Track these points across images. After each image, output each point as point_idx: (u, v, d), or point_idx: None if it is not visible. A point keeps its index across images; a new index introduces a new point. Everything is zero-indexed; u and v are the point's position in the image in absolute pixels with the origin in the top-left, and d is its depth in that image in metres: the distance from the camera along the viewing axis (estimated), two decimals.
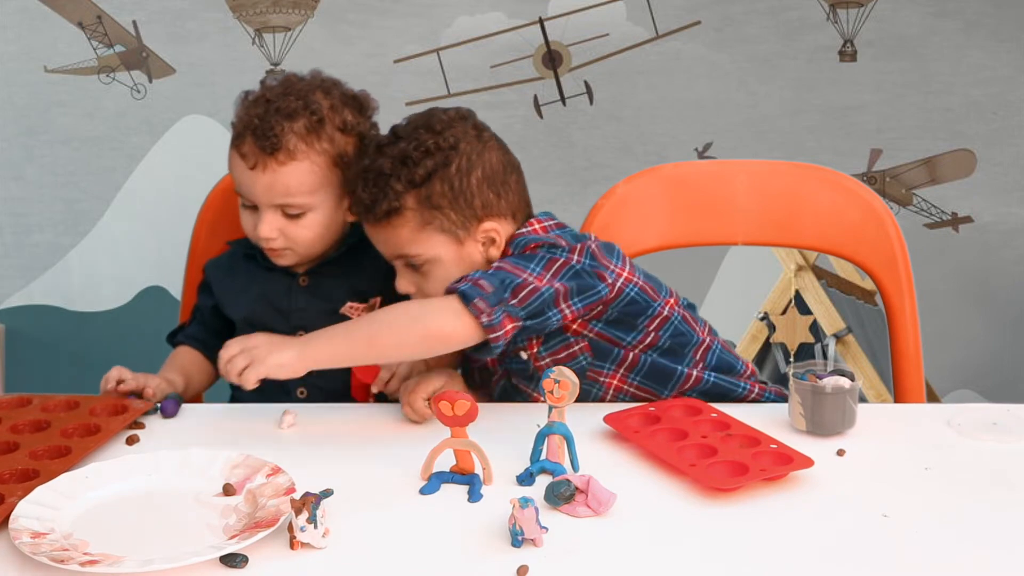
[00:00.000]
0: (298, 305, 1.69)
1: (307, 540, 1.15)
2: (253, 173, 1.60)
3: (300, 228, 1.63)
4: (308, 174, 1.61)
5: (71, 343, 2.74)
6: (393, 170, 1.53)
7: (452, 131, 1.56)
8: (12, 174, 2.69)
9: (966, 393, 2.72)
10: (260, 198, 1.62)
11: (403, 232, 1.53)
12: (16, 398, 1.52)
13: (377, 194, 1.53)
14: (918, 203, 2.69)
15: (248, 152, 1.60)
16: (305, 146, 1.60)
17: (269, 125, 1.59)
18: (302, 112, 1.61)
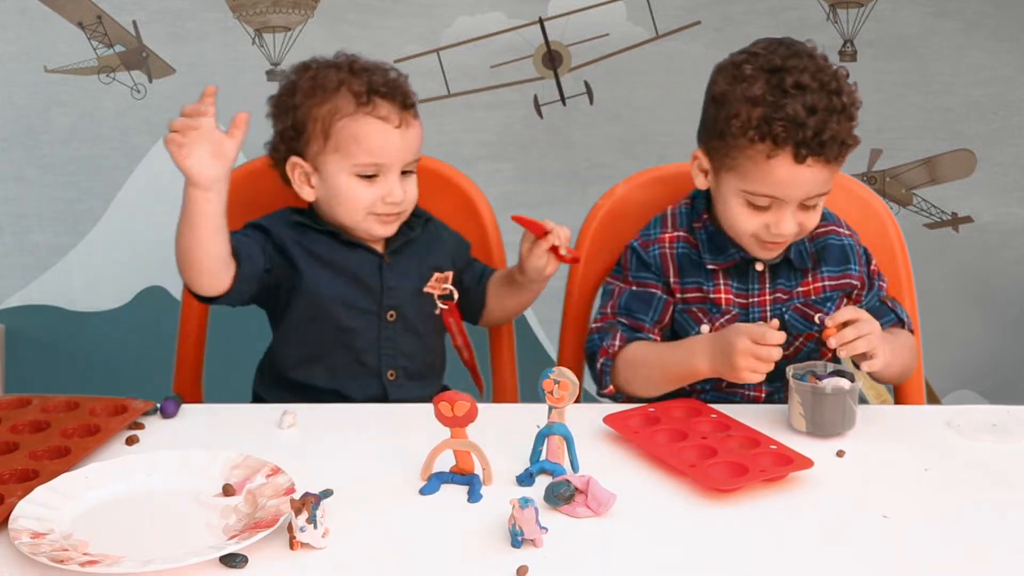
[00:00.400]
0: (389, 284, 1.69)
1: (307, 540, 1.15)
2: (400, 131, 1.63)
3: (413, 187, 1.68)
4: (421, 128, 1.69)
5: (71, 343, 2.74)
6: (848, 106, 1.52)
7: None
8: (12, 174, 2.69)
9: (966, 393, 2.72)
10: (401, 155, 1.65)
11: (838, 167, 1.55)
12: (16, 398, 1.52)
13: (841, 133, 1.50)
14: (918, 203, 2.69)
15: (389, 113, 1.63)
16: (415, 101, 1.69)
17: (399, 84, 1.66)
18: (397, 72, 1.69)
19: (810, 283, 1.64)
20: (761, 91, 1.50)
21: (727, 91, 1.54)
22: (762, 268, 1.63)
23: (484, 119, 2.66)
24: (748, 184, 1.54)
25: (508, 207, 2.55)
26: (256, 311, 1.72)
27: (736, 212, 1.57)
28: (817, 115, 1.48)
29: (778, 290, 1.64)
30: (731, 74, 1.55)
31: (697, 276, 1.64)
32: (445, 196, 1.88)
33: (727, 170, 1.56)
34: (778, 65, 1.51)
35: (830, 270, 1.65)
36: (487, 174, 2.57)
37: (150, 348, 2.38)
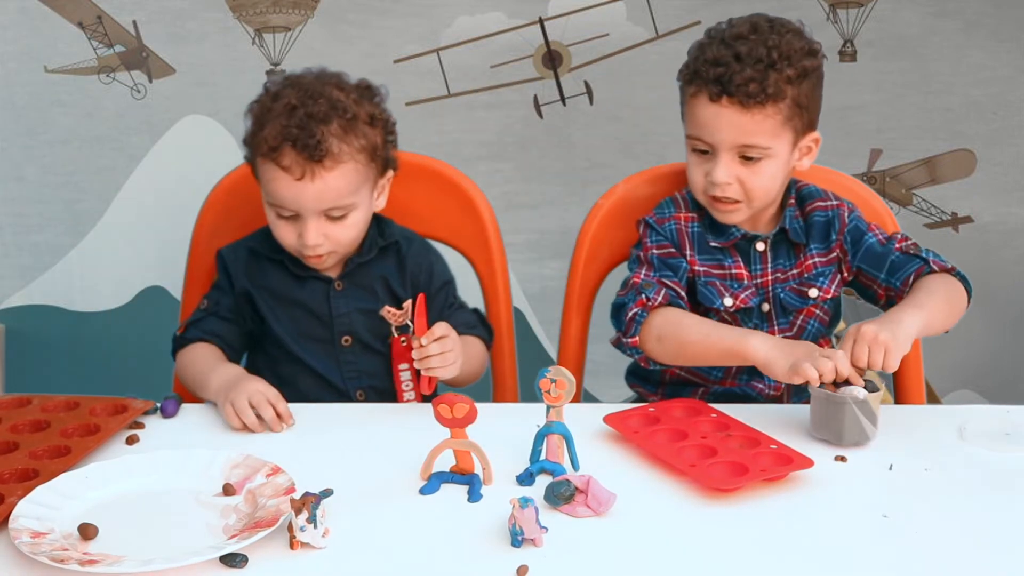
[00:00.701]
0: (339, 311, 1.68)
1: (307, 540, 1.15)
2: (301, 184, 1.57)
3: (344, 229, 1.62)
4: (353, 174, 1.60)
5: (71, 343, 2.74)
6: (777, 60, 1.56)
7: (814, 39, 1.65)
8: (12, 174, 2.69)
9: (966, 393, 2.72)
10: (309, 207, 1.59)
11: (765, 123, 1.57)
12: (16, 398, 1.52)
13: (756, 76, 1.55)
14: (918, 203, 2.69)
15: (292, 164, 1.56)
16: (346, 147, 1.58)
17: (310, 132, 1.55)
18: (333, 113, 1.58)
19: (802, 262, 1.68)
20: (705, 40, 1.63)
21: (693, 46, 1.64)
22: (763, 248, 1.67)
23: (484, 119, 2.66)
24: (687, 127, 1.63)
25: (508, 207, 2.57)
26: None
27: (688, 163, 1.65)
28: (740, 61, 1.55)
29: (777, 270, 1.68)
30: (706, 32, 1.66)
31: (714, 253, 1.68)
32: (445, 196, 1.88)
33: (684, 120, 1.65)
34: (735, 23, 1.62)
35: (817, 247, 1.68)
36: (487, 174, 2.57)
37: (150, 348, 2.37)
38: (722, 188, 1.60)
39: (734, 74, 1.55)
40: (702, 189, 1.63)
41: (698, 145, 1.62)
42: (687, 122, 1.64)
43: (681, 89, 1.65)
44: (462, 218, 1.88)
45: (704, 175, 1.62)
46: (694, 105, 1.60)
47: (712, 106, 1.57)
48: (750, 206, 1.63)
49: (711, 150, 1.60)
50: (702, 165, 1.62)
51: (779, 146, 1.60)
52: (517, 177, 2.67)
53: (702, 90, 1.58)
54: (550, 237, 2.63)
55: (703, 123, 1.59)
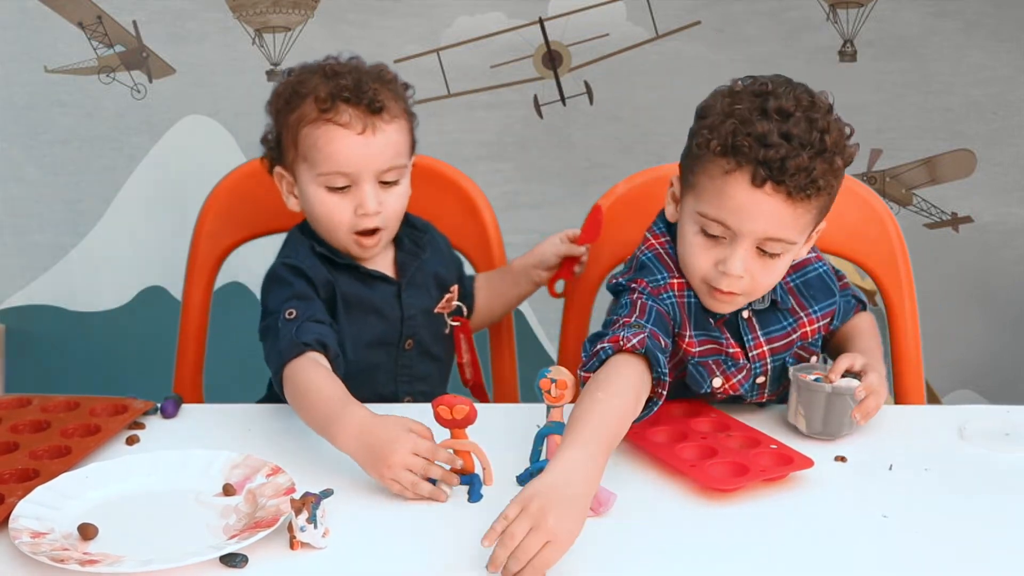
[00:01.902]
0: (408, 313, 1.65)
1: (307, 540, 1.15)
2: (363, 139, 1.53)
3: (396, 197, 1.59)
4: (405, 133, 1.59)
5: (71, 343, 2.74)
6: (828, 148, 1.36)
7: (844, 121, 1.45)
8: (12, 174, 2.69)
9: (966, 393, 2.72)
10: (372, 164, 1.54)
11: (803, 218, 1.37)
12: (16, 398, 1.52)
13: (808, 166, 1.34)
14: (918, 203, 2.69)
15: (352, 119, 1.52)
16: (396, 105, 1.57)
17: (364, 87, 1.53)
18: (373, 74, 1.57)
19: (806, 324, 1.52)
20: (741, 106, 1.38)
21: (710, 104, 1.42)
22: (748, 315, 1.49)
23: (484, 119, 2.66)
24: (703, 205, 1.39)
25: (508, 207, 2.57)
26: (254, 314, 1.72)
27: (689, 242, 1.42)
28: (790, 143, 1.34)
29: (772, 338, 1.50)
30: (721, 90, 1.43)
31: (709, 329, 1.48)
32: (445, 196, 1.88)
33: (689, 189, 1.43)
34: (768, 90, 1.40)
35: (821, 307, 1.54)
36: (487, 174, 2.57)
37: (150, 348, 2.37)
38: (731, 282, 1.40)
39: (787, 159, 1.32)
40: (703, 277, 1.42)
41: (712, 228, 1.39)
42: (702, 199, 1.39)
43: (697, 155, 1.40)
44: (462, 218, 1.88)
45: (714, 263, 1.40)
46: (726, 184, 1.36)
47: (753, 191, 1.34)
48: (747, 299, 1.45)
49: (727, 236, 1.39)
50: (710, 250, 1.40)
51: (801, 240, 1.41)
52: (517, 177, 2.67)
53: (742, 169, 1.34)
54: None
55: (735, 208, 1.36)
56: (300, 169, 1.57)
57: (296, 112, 1.55)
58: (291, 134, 1.56)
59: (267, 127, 1.63)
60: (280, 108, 1.58)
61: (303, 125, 1.54)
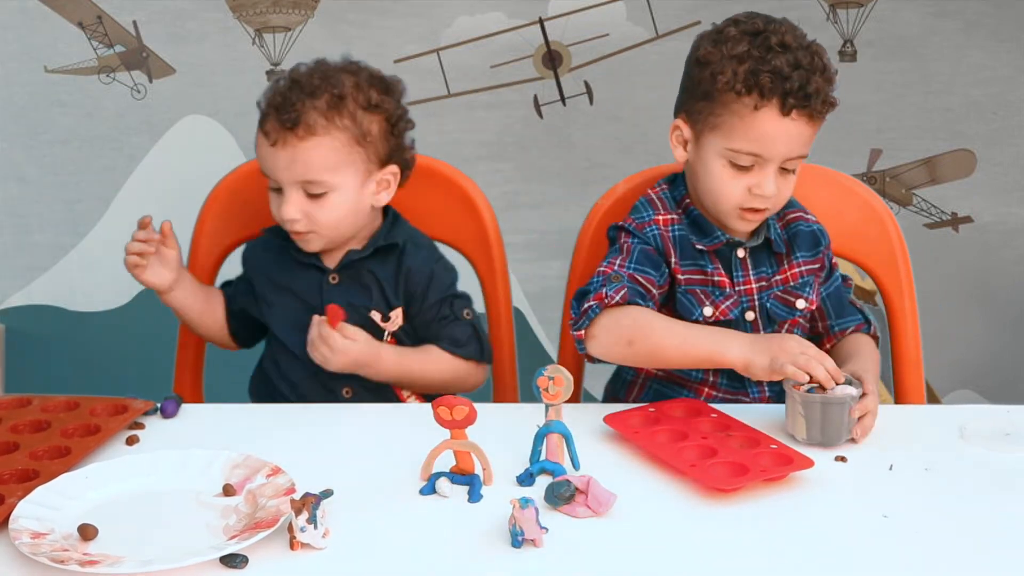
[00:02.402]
0: (329, 300, 1.67)
1: (307, 540, 1.15)
2: (274, 150, 1.61)
3: (324, 209, 1.63)
4: (329, 151, 1.61)
5: (71, 343, 2.74)
6: (826, 69, 1.56)
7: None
8: (12, 174, 2.69)
9: (966, 393, 2.72)
10: (282, 175, 1.62)
11: (816, 130, 1.56)
12: (16, 398, 1.52)
13: (823, 88, 1.54)
14: (918, 203, 2.69)
15: (270, 129, 1.61)
16: (326, 121, 1.61)
17: (290, 101, 1.60)
18: (324, 89, 1.62)
19: (787, 269, 1.64)
20: (746, 48, 1.54)
21: (711, 52, 1.56)
22: (743, 254, 1.62)
23: (484, 119, 2.66)
24: (733, 141, 1.53)
25: (508, 207, 2.57)
26: None
27: (719, 176, 1.56)
28: (801, 70, 1.51)
29: (761, 277, 1.64)
30: (713, 38, 1.59)
31: (696, 258, 1.62)
32: (445, 196, 1.88)
33: (711, 130, 1.56)
34: (760, 28, 1.55)
35: (804, 255, 1.65)
36: (487, 174, 2.57)
37: (150, 348, 2.37)
38: (764, 200, 1.55)
39: (807, 85, 1.50)
40: (738, 202, 1.56)
41: (743, 160, 1.54)
42: (731, 135, 1.53)
43: (721, 97, 1.54)
44: (462, 218, 1.88)
45: (746, 189, 1.55)
46: (755, 119, 1.51)
47: (782, 120, 1.51)
48: (771, 214, 1.61)
49: (757, 163, 1.54)
50: (741, 179, 1.55)
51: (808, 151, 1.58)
52: (517, 177, 2.67)
53: (770, 104, 1.51)
54: (550, 237, 2.63)
55: (767, 138, 1.52)
56: None
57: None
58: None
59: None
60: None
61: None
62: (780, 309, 1.64)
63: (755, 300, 1.63)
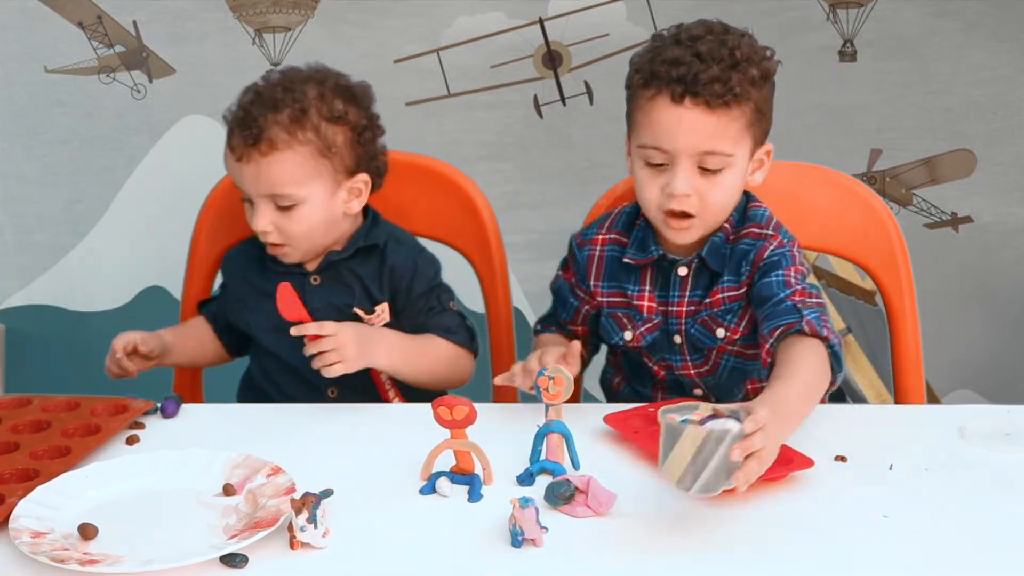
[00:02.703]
0: (312, 305, 1.65)
1: (307, 540, 1.15)
2: (240, 165, 1.63)
3: (293, 222, 1.64)
4: (292, 165, 1.61)
5: (71, 343, 2.74)
6: (740, 60, 1.50)
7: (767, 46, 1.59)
8: (12, 174, 2.69)
9: (966, 393, 2.71)
10: (249, 190, 1.64)
11: (730, 127, 1.49)
12: (16, 398, 1.52)
13: (721, 76, 1.47)
14: (918, 203, 2.69)
15: (235, 144, 1.63)
16: (288, 136, 1.61)
17: (252, 117, 1.62)
18: (286, 102, 1.62)
19: (715, 294, 1.56)
20: (657, 42, 1.52)
21: (639, 51, 1.55)
22: (685, 273, 1.57)
23: (484, 119, 2.66)
24: (641, 138, 1.51)
25: (508, 207, 2.57)
26: None
27: (638, 177, 1.53)
28: (701, 60, 1.46)
29: (694, 300, 1.57)
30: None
31: (623, 281, 1.60)
32: (445, 196, 1.88)
33: (631, 132, 1.55)
34: (683, 26, 1.53)
35: (730, 279, 1.56)
36: (487, 174, 2.57)
37: None
38: (680, 200, 1.48)
39: (699, 72, 1.45)
40: (657, 205, 1.51)
41: (653, 157, 1.49)
42: (639, 132, 1.51)
43: (631, 97, 1.54)
44: (462, 218, 1.88)
45: (660, 189, 1.50)
46: (651, 110, 1.48)
47: (674, 108, 1.46)
48: (703, 223, 1.53)
49: (668, 160, 1.49)
50: (657, 178, 1.50)
51: (740, 154, 1.50)
52: (517, 177, 2.67)
53: (662, 92, 1.47)
54: (550, 237, 2.63)
55: (663, 129, 1.47)
56: None
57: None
58: None
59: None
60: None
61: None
62: (702, 336, 1.58)
63: (683, 324, 1.58)
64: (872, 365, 2.54)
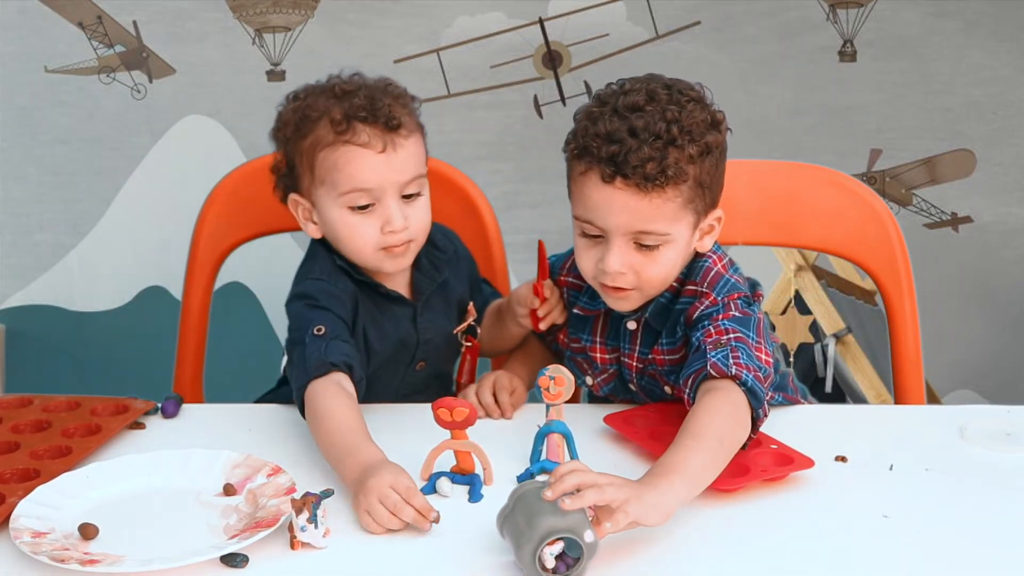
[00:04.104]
0: (424, 337, 1.61)
1: (307, 540, 1.15)
2: (384, 157, 1.49)
3: (420, 210, 1.55)
4: (421, 146, 1.57)
5: (71, 343, 2.73)
6: (678, 135, 1.37)
7: (713, 107, 1.44)
8: (12, 174, 2.69)
9: (966, 393, 2.71)
10: (394, 180, 1.51)
11: (664, 207, 1.38)
12: (17, 398, 1.53)
13: (655, 155, 1.35)
14: (918, 203, 2.69)
15: (371, 138, 1.49)
16: (410, 119, 1.55)
17: (379, 105, 1.50)
18: (382, 87, 1.55)
19: (656, 352, 1.50)
20: (595, 108, 1.43)
21: (579, 110, 1.47)
22: (634, 327, 1.51)
23: (484, 119, 2.66)
24: (575, 207, 1.45)
25: (508, 207, 2.57)
26: (254, 314, 1.71)
27: (576, 245, 1.47)
28: (635, 137, 1.36)
29: (643, 357, 1.52)
30: (594, 95, 1.48)
31: (579, 329, 1.57)
32: (445, 196, 1.88)
33: (569, 196, 1.48)
34: (625, 89, 1.43)
35: (668, 340, 1.48)
36: (487, 174, 2.57)
37: (150, 348, 2.37)
38: (613, 278, 1.42)
39: (629, 152, 1.35)
40: (591, 276, 1.46)
41: (588, 229, 1.43)
42: (574, 202, 1.45)
43: (568, 163, 1.47)
44: (462, 218, 1.88)
45: (595, 262, 1.43)
46: (583, 184, 1.42)
47: (605, 188, 1.38)
48: (643, 294, 1.45)
49: (603, 235, 1.42)
50: (592, 250, 1.44)
51: (679, 231, 1.41)
52: (517, 177, 2.67)
53: (593, 169, 1.40)
54: (550, 237, 2.61)
55: (594, 206, 1.40)
56: (318, 194, 1.53)
57: (309, 137, 1.52)
58: (306, 160, 1.52)
59: (277, 156, 1.59)
60: (290, 135, 1.54)
61: (319, 149, 1.51)
62: (655, 388, 1.53)
63: (634, 377, 1.53)
64: (872, 365, 2.54)
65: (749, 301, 1.47)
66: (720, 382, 1.34)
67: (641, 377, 1.53)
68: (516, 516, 1.11)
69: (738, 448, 1.30)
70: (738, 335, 1.39)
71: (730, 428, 1.29)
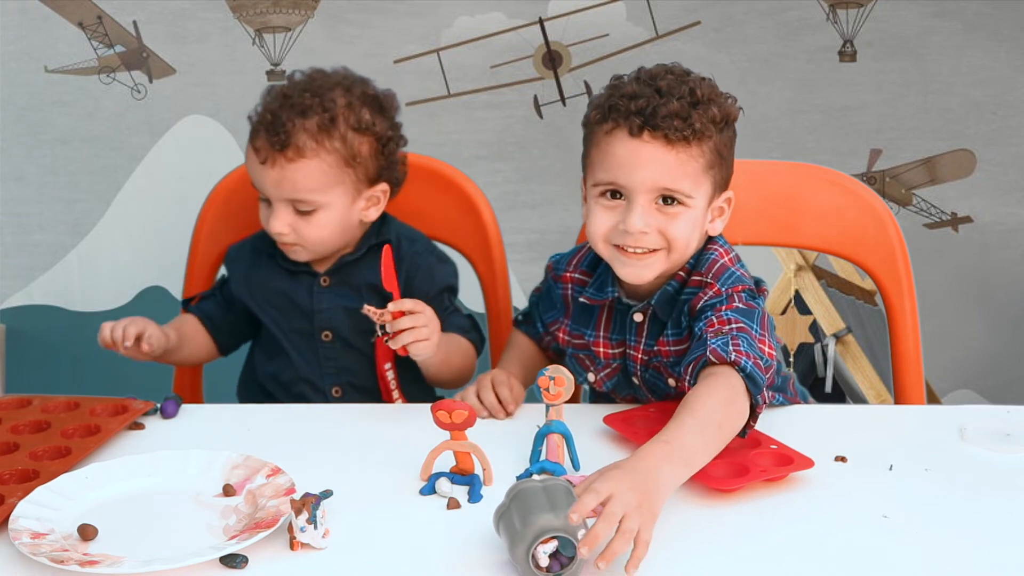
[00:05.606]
0: (320, 306, 1.70)
1: (307, 540, 1.15)
2: (264, 168, 1.61)
3: (311, 226, 1.64)
4: (317, 172, 1.61)
5: (71, 343, 2.73)
6: (701, 99, 1.44)
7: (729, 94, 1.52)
8: (12, 174, 2.69)
9: (966, 393, 2.71)
10: (270, 193, 1.63)
11: (689, 165, 1.43)
12: (16, 399, 1.52)
13: (681, 111, 1.41)
14: (918, 203, 2.69)
15: (260, 147, 1.61)
16: (315, 144, 1.60)
17: (281, 122, 1.60)
18: (315, 110, 1.61)
19: (661, 343, 1.50)
20: (616, 81, 1.50)
21: (597, 94, 1.52)
22: (641, 319, 1.51)
23: (484, 119, 2.66)
24: (597, 173, 1.45)
25: (508, 207, 2.57)
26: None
27: (591, 210, 1.47)
28: (657, 94, 1.42)
29: (648, 349, 1.52)
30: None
31: (583, 324, 1.57)
32: (445, 196, 1.88)
33: (587, 172, 1.49)
34: (644, 68, 1.50)
35: (674, 332, 1.49)
36: (487, 174, 2.57)
37: None
38: (636, 237, 1.42)
39: (658, 106, 1.40)
40: (605, 236, 1.45)
41: (609, 192, 1.44)
42: (596, 168, 1.45)
43: (588, 135, 1.49)
44: (462, 218, 1.88)
45: (614, 224, 1.43)
46: (609, 144, 1.43)
47: (632, 141, 1.41)
48: (669, 257, 1.45)
49: (625, 195, 1.43)
50: (611, 212, 1.44)
51: (699, 197, 1.44)
52: (517, 177, 2.67)
53: (620, 125, 1.42)
54: (550, 237, 2.63)
55: (620, 163, 1.42)
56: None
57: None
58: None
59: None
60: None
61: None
62: (659, 381, 1.53)
63: (638, 369, 1.54)
64: (872, 365, 2.54)
65: (753, 295, 1.48)
66: (719, 368, 1.34)
67: (645, 370, 1.53)
68: (512, 514, 1.11)
69: (735, 433, 1.30)
70: (740, 325, 1.40)
71: (724, 410, 1.30)
